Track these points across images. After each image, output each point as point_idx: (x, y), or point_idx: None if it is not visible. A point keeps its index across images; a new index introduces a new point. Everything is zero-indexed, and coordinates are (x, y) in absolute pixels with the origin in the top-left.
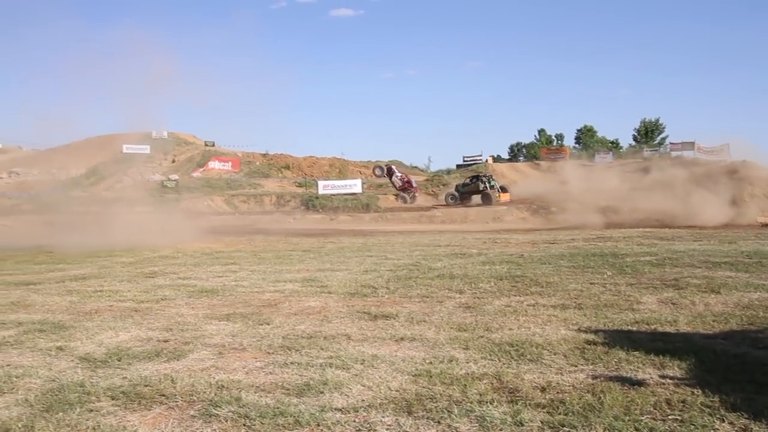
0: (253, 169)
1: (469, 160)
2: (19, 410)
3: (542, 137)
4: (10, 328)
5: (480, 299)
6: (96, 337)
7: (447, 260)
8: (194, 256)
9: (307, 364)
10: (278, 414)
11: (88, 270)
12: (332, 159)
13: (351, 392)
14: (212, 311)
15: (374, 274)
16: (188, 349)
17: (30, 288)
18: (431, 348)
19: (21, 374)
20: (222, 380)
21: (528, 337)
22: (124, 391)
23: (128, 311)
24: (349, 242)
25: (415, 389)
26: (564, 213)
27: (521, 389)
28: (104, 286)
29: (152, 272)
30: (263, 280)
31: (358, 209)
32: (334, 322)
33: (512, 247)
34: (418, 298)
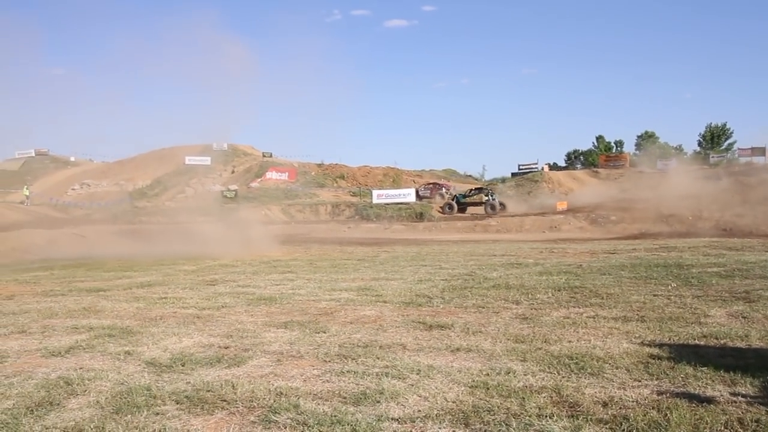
0: (308, 179)
1: (524, 168)
2: (90, 411)
3: (600, 144)
4: (83, 332)
5: (537, 310)
6: (161, 342)
7: (502, 270)
8: (252, 264)
9: (363, 373)
10: (335, 422)
11: (153, 277)
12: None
13: (407, 402)
14: (270, 319)
15: (429, 283)
16: (248, 355)
17: (100, 294)
18: (488, 359)
19: (92, 377)
20: (281, 387)
21: (588, 350)
22: (187, 395)
23: (191, 318)
24: (403, 251)
25: (472, 401)
26: (624, 222)
27: (582, 404)
28: (168, 294)
29: (213, 280)
30: (319, 289)
31: (411, 218)
32: (390, 332)
33: (570, 257)
34: (473, 308)
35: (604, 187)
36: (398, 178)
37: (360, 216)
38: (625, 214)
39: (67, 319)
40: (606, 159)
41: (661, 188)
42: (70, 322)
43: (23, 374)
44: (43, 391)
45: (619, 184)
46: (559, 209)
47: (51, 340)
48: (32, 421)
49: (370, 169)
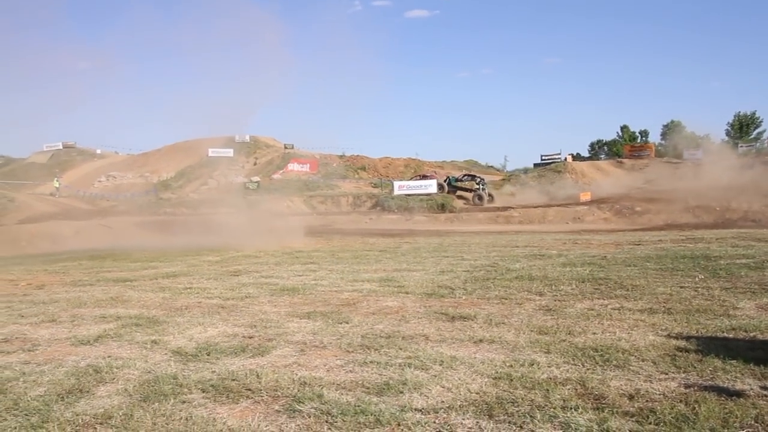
0: (330, 171)
1: (547, 158)
2: (119, 399)
3: (625, 134)
4: (111, 321)
5: (561, 302)
6: (186, 332)
7: (525, 261)
8: (275, 255)
9: (386, 363)
10: (359, 412)
11: (178, 268)
12: (407, 160)
13: (430, 393)
14: (293, 309)
15: (451, 274)
16: (272, 345)
17: (127, 284)
18: (511, 351)
19: (120, 365)
20: (304, 377)
21: (613, 342)
22: (213, 384)
23: (215, 308)
24: (425, 242)
25: (496, 392)
26: (650, 213)
27: (607, 396)
28: (193, 284)
29: (236, 270)
30: (341, 280)
31: (433, 209)
32: (412, 323)
33: (594, 249)
34: (496, 299)
35: (629, 177)
36: (419, 170)
37: (381, 207)
38: (650, 205)
39: (96, 309)
40: (631, 149)
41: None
42: (99, 312)
43: (54, 362)
44: (73, 378)
45: (644, 174)
46: (583, 200)
47: (80, 329)
48: (63, 407)
49: (391, 160)
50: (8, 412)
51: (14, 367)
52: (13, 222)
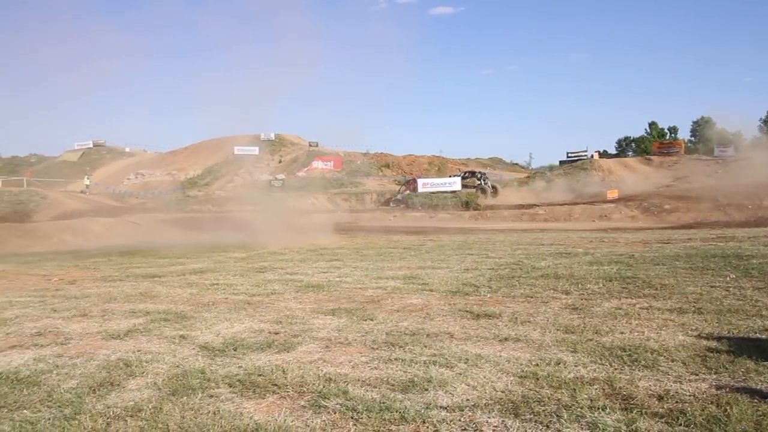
0: (354, 168)
1: (573, 155)
2: (149, 392)
3: (653, 130)
4: (140, 316)
5: (588, 301)
6: (214, 327)
7: (551, 259)
8: (300, 252)
9: (411, 360)
10: (384, 409)
11: (205, 264)
12: (431, 157)
13: (455, 391)
14: (318, 306)
15: (475, 272)
16: (297, 341)
17: (155, 280)
18: (537, 349)
19: (150, 359)
20: (329, 373)
21: (642, 342)
22: (240, 379)
23: (242, 304)
24: (449, 240)
25: (522, 391)
26: (679, 211)
27: (636, 396)
28: (220, 280)
29: (262, 267)
30: (366, 277)
31: (457, 207)
32: (437, 320)
33: (621, 247)
34: (521, 297)
35: (658, 174)
36: (443, 167)
37: (405, 205)
38: (679, 203)
39: (125, 304)
40: (659, 146)
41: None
42: (128, 307)
43: (85, 355)
44: (104, 371)
45: (673, 171)
46: (610, 198)
47: (110, 324)
48: (95, 400)
49: (415, 157)
50: (42, 404)
51: (48, 360)
52: (46, 218)
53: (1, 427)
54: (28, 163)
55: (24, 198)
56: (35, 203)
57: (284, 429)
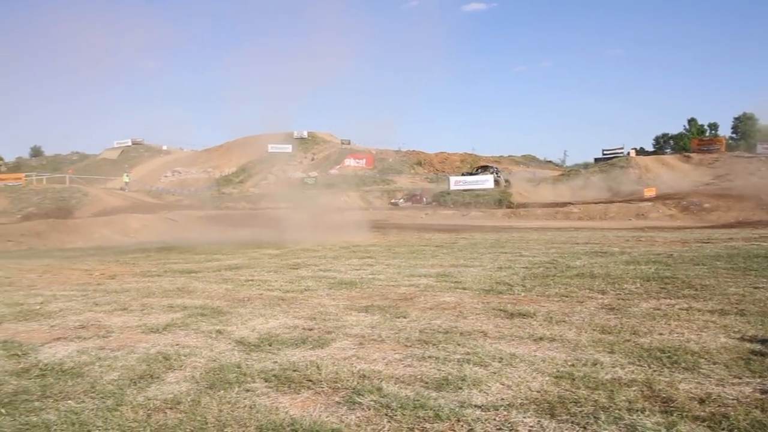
0: (386, 166)
1: (609, 153)
2: (187, 386)
3: (693, 127)
4: (178, 311)
5: (625, 301)
6: (249, 322)
7: (586, 258)
8: (333, 249)
9: (444, 358)
10: (418, 406)
11: (239, 261)
12: (463, 154)
13: (490, 390)
14: (351, 303)
15: (509, 271)
16: (331, 338)
17: (192, 276)
18: (572, 350)
19: (188, 353)
20: (363, 370)
21: (682, 344)
22: (275, 374)
23: (276, 300)
24: (482, 238)
25: (557, 391)
26: (719, 210)
27: (676, 399)
28: (254, 276)
29: (296, 264)
30: (398, 274)
31: (490, 205)
32: (470, 319)
33: (659, 246)
34: (556, 297)
35: (697, 172)
36: (476, 164)
37: (437, 202)
38: (719, 202)
39: (163, 299)
40: (699, 143)
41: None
42: (166, 301)
43: (126, 348)
44: (144, 364)
45: (713, 169)
46: (647, 196)
47: (149, 318)
48: (135, 392)
49: (447, 155)
50: (86, 395)
51: (90, 352)
52: (87, 215)
53: (48, 416)
54: (70, 161)
55: (66, 195)
56: (77, 200)
57: (319, 424)
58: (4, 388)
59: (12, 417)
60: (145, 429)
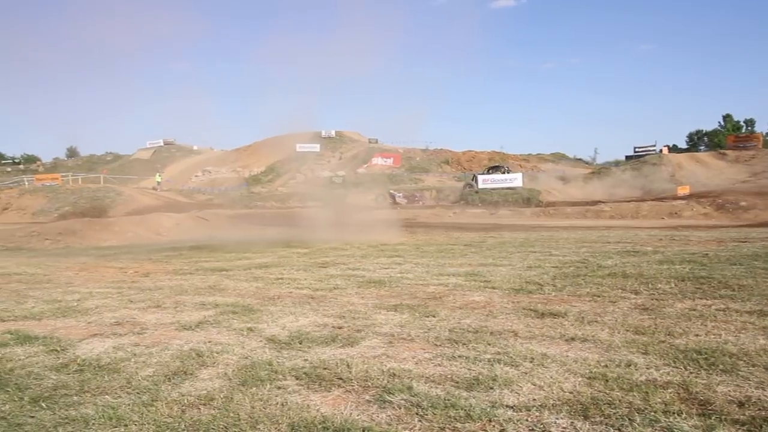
0: (413, 165)
1: (640, 150)
2: (220, 382)
3: (728, 123)
4: (210, 308)
5: (659, 301)
6: (279, 320)
7: (618, 258)
8: (361, 248)
9: (474, 358)
10: (449, 406)
11: (269, 259)
12: (491, 153)
13: (521, 390)
14: (380, 301)
15: (539, 270)
16: (360, 336)
17: (223, 274)
18: (605, 350)
19: (220, 350)
20: (393, 368)
21: (719, 345)
22: (306, 372)
23: (305, 298)
24: (511, 237)
25: (591, 392)
26: (756, 208)
27: (714, 402)
28: (284, 274)
29: (324, 262)
30: (427, 273)
31: (518, 203)
32: (500, 318)
33: (694, 246)
34: (587, 296)
35: (733, 170)
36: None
37: (465, 201)
38: (757, 200)
39: (196, 296)
40: (735, 140)
41: None
42: (198, 299)
43: (160, 345)
44: (178, 361)
45: (749, 167)
46: (681, 194)
47: (182, 315)
48: (170, 388)
49: (475, 153)
50: (122, 390)
51: (126, 348)
52: (120, 214)
53: (86, 410)
54: (104, 161)
55: (101, 194)
56: (111, 199)
57: (350, 422)
58: (44, 383)
59: (52, 411)
60: (180, 424)
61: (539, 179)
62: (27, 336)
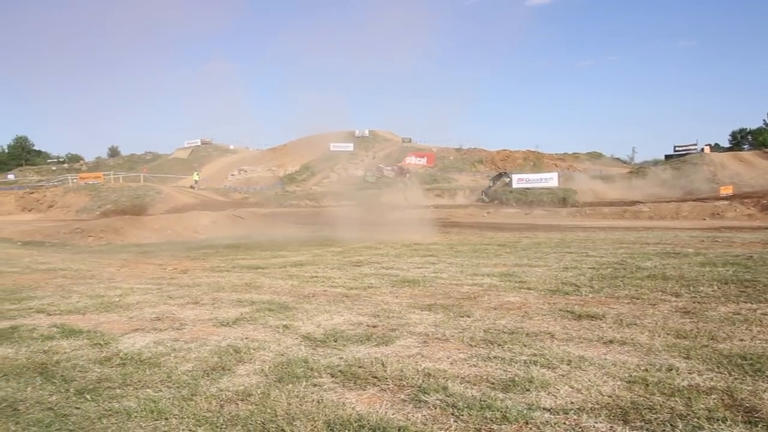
0: (447, 164)
1: (681, 149)
2: (256, 378)
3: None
4: (246, 305)
5: (701, 304)
6: (314, 318)
7: (658, 259)
8: (394, 247)
9: (510, 359)
10: (485, 407)
11: (304, 257)
12: (526, 152)
13: (559, 393)
14: (415, 301)
15: (575, 271)
16: (395, 335)
17: (259, 272)
18: (645, 354)
19: (257, 347)
20: (428, 368)
21: (765, 351)
22: (341, 370)
23: (340, 296)
24: (546, 237)
25: (630, 397)
26: None
27: (761, 410)
28: (318, 273)
29: (358, 261)
30: (461, 273)
31: (554, 203)
32: (536, 319)
33: (737, 248)
34: (626, 299)
35: None
36: (539, 162)
37: (499, 201)
38: None
39: (232, 293)
40: None
41: None
42: (235, 296)
43: (199, 341)
44: (216, 357)
45: None
46: (723, 194)
47: (220, 311)
48: (208, 383)
49: (509, 152)
50: (163, 384)
51: (166, 344)
52: (160, 212)
53: (128, 403)
54: (144, 160)
55: (141, 193)
56: (151, 197)
57: (386, 421)
58: (88, 375)
59: (96, 403)
60: (218, 419)
61: (575, 179)
62: (72, 330)
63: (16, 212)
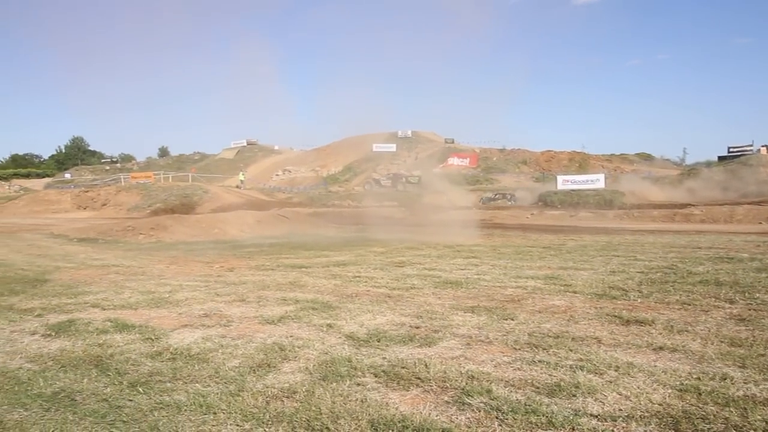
0: (490, 165)
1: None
2: (301, 376)
3: None
4: (291, 304)
5: (757, 312)
6: (357, 318)
7: (710, 264)
8: (437, 248)
9: (555, 364)
10: (530, 412)
11: (346, 257)
12: (572, 153)
13: (606, 399)
14: (457, 302)
15: (623, 275)
16: (438, 337)
17: (302, 271)
18: (697, 362)
19: (301, 345)
20: (472, 371)
21: None
22: (384, 370)
23: (383, 297)
24: (592, 240)
25: (682, 405)
26: None
27: None
28: (361, 273)
29: (401, 262)
30: (504, 275)
31: (600, 205)
32: (582, 324)
33: None
34: (677, 304)
35: None
36: (585, 163)
37: (543, 202)
38: None
39: (277, 292)
40: None
41: None
42: (280, 294)
43: (245, 337)
44: (261, 354)
45: None
46: None
47: (265, 309)
48: (255, 379)
49: (554, 153)
50: (211, 379)
51: (214, 340)
52: (207, 210)
53: (178, 397)
54: (192, 160)
55: (189, 192)
56: (198, 197)
57: (429, 423)
58: (140, 369)
59: (148, 396)
60: (264, 415)
61: (622, 180)
62: (125, 324)
63: (72, 210)
